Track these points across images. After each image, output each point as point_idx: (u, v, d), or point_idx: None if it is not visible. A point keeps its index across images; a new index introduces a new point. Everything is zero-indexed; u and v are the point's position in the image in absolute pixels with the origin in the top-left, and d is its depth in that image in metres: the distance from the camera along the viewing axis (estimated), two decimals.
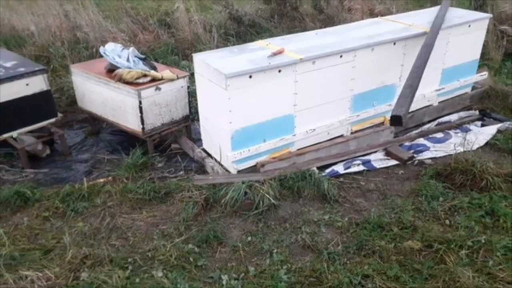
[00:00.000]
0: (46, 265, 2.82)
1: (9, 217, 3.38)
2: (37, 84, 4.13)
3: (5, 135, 4.05)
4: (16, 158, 4.24)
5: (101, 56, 4.45)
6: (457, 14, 4.83)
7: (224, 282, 2.70)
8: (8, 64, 4.22)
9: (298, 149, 4.03)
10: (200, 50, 6.01)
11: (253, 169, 3.84)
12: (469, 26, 4.70)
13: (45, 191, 3.66)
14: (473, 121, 4.75)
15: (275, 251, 2.99)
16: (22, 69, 4.12)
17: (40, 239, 3.13)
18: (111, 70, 4.21)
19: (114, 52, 4.31)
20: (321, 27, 6.39)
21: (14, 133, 4.09)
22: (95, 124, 4.84)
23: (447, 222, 3.23)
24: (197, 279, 2.76)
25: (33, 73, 4.10)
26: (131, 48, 4.47)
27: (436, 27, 4.33)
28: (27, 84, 4.07)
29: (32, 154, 4.26)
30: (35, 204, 3.49)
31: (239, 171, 3.80)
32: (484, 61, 5.89)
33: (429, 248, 2.96)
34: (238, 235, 3.19)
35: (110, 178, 3.90)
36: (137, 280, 2.71)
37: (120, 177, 3.86)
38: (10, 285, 2.62)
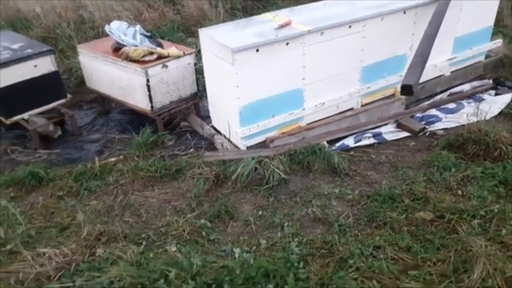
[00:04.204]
0: (63, 242, 2.88)
1: (24, 197, 3.45)
2: (45, 65, 4.13)
3: (16, 117, 4.09)
4: (29, 139, 4.29)
5: (107, 35, 4.42)
6: None
7: (236, 255, 2.73)
8: (16, 46, 4.22)
9: (307, 124, 4.00)
10: (207, 26, 5.91)
11: (263, 144, 3.83)
12: None
13: (58, 171, 3.72)
14: (486, 90, 4.64)
15: (286, 224, 3.01)
16: (29, 50, 4.11)
17: (55, 218, 3.20)
18: (117, 49, 4.18)
19: (120, 30, 4.27)
20: None
21: (25, 115, 4.12)
22: (104, 104, 4.85)
23: (460, 192, 3.20)
24: (210, 253, 2.80)
25: (40, 54, 4.09)
26: (137, 26, 4.43)
27: None
28: (35, 66, 4.07)
29: (44, 135, 4.31)
30: (49, 184, 3.55)
31: (248, 147, 3.79)
32: (499, 28, 5.69)
33: (441, 219, 2.95)
34: (249, 210, 3.21)
35: (121, 157, 3.93)
36: (151, 254, 2.76)
37: (131, 156, 3.90)
38: (29, 262, 2.69)
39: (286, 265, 2.56)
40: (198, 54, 4.31)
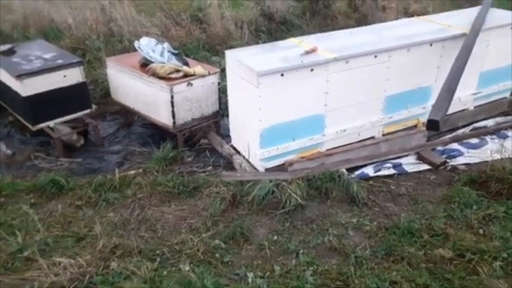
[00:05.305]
0: (78, 252, 2.90)
1: (44, 203, 3.50)
2: (74, 76, 4.25)
3: (42, 125, 4.20)
4: (52, 147, 4.38)
5: (135, 50, 4.54)
6: (498, 16, 4.64)
7: (249, 280, 2.70)
8: (47, 56, 4.36)
9: (327, 150, 3.99)
10: (231, 46, 6.02)
11: (281, 167, 3.83)
12: (511, 28, 4.51)
13: (78, 180, 3.77)
14: (511, 127, 4.57)
15: (301, 251, 2.97)
16: (60, 61, 4.25)
17: (72, 227, 3.23)
18: (144, 64, 4.28)
19: (149, 46, 4.38)
20: (354, 26, 6.28)
21: (51, 123, 4.23)
22: (127, 117, 4.94)
23: (481, 231, 3.12)
24: (223, 275, 2.78)
25: (70, 65, 4.22)
26: (165, 43, 4.53)
27: (476, 28, 4.18)
28: (64, 76, 4.19)
29: (67, 143, 4.39)
30: (69, 193, 3.59)
31: (266, 169, 3.79)
32: None
33: (461, 258, 2.87)
34: (264, 234, 3.19)
35: (140, 170, 3.97)
36: (165, 272, 2.75)
37: (151, 170, 3.93)
38: (44, 271, 2.71)
39: None
40: (222, 73, 4.38)
